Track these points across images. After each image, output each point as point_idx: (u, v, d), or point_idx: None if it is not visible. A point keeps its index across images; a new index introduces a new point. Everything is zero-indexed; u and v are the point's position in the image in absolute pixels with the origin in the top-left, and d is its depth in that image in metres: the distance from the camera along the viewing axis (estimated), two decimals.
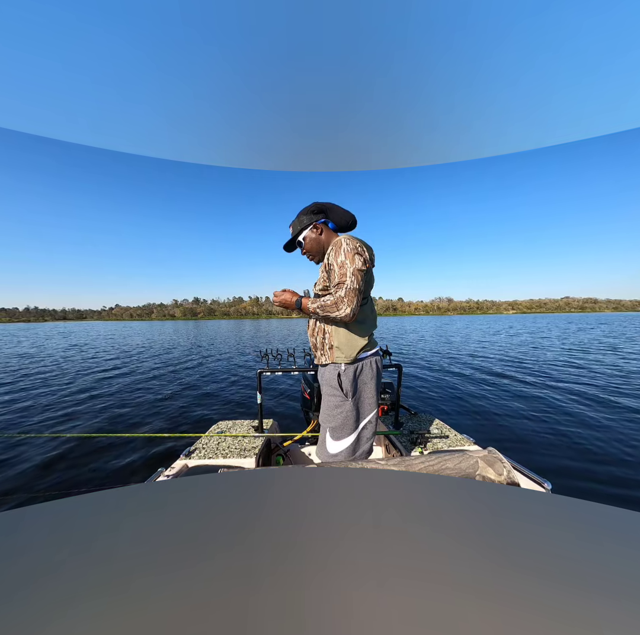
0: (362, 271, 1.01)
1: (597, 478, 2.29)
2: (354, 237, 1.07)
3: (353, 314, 1.00)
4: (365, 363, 1.11)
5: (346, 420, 1.08)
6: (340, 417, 1.08)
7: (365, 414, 1.12)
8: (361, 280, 1.00)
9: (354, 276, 0.99)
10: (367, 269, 1.04)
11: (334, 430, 1.10)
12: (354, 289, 0.99)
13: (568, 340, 13.52)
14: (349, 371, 1.09)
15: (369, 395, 1.12)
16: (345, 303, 0.99)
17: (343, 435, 1.09)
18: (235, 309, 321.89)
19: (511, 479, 0.53)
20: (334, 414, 1.09)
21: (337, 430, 1.09)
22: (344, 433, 1.09)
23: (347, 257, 1.00)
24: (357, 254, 1.01)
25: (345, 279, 0.99)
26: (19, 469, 2.52)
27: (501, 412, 3.90)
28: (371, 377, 1.12)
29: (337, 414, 1.09)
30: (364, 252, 1.04)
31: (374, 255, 1.17)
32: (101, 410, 4.29)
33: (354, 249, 1.01)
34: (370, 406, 1.12)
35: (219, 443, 1.55)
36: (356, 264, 1.00)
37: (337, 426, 1.09)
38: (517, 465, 1.14)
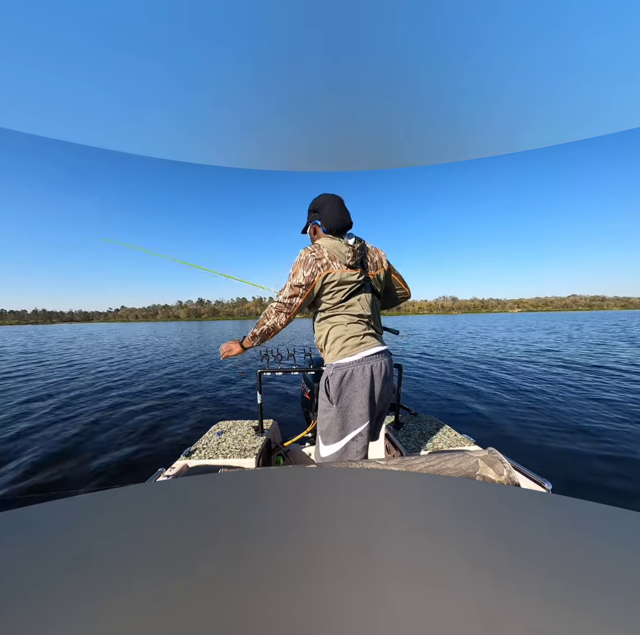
0: (299, 286, 1.05)
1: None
2: (318, 244, 1.08)
3: (280, 324, 1.10)
4: (356, 368, 1.02)
5: (330, 427, 1.05)
6: (326, 422, 1.06)
7: (355, 425, 1.03)
8: (296, 294, 1.06)
9: (289, 291, 1.06)
10: (311, 282, 1.04)
11: (322, 434, 1.09)
12: (285, 303, 1.07)
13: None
14: (335, 376, 1.03)
15: (360, 405, 1.02)
16: (273, 313, 1.09)
17: (329, 441, 1.07)
18: (239, 309, 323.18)
19: (511, 479, 0.53)
20: (322, 418, 1.08)
21: (324, 435, 1.08)
22: (329, 439, 1.07)
23: (293, 269, 1.07)
24: (304, 267, 1.04)
25: (282, 292, 1.08)
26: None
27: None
28: (362, 385, 1.01)
29: (324, 419, 1.07)
30: (315, 262, 1.03)
31: (349, 252, 1.07)
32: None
33: (302, 261, 1.05)
34: (361, 417, 1.02)
35: (219, 443, 1.55)
36: (297, 279, 1.05)
37: (323, 431, 1.08)
38: (517, 466, 1.13)
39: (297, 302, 1.07)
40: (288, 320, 1.11)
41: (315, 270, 1.04)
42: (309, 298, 1.09)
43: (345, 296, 1.09)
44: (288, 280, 1.08)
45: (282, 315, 1.08)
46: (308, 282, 1.04)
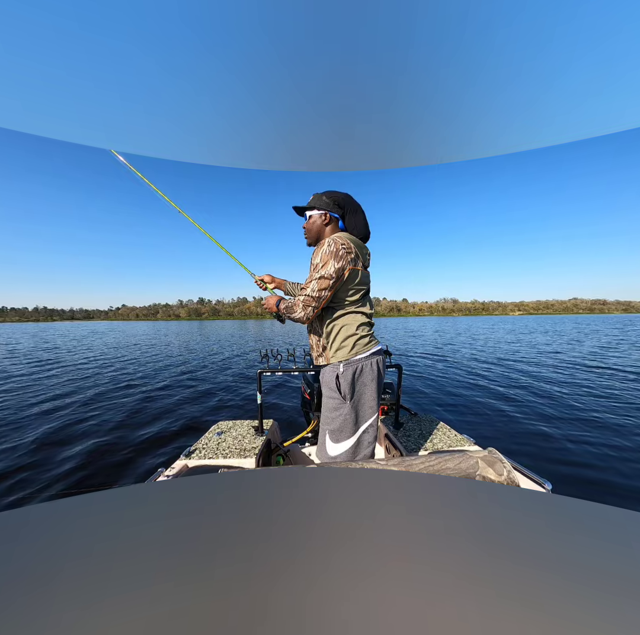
0: (330, 279, 1.02)
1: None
2: (343, 237, 1.07)
3: (307, 318, 1.07)
4: (365, 364, 1.08)
5: (344, 424, 1.06)
6: (339, 420, 1.07)
7: (366, 417, 1.09)
8: (326, 287, 1.03)
9: (318, 283, 1.02)
10: (340, 275, 1.04)
11: (332, 433, 1.08)
12: (313, 296, 1.04)
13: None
14: (348, 373, 1.06)
15: (370, 397, 1.08)
16: (300, 307, 1.06)
17: (342, 438, 1.07)
18: (240, 309, 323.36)
19: (511, 479, 0.53)
20: (332, 417, 1.08)
21: (336, 433, 1.08)
22: (343, 436, 1.07)
23: (322, 259, 1.02)
24: (335, 258, 1.01)
25: (309, 284, 1.04)
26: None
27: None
28: (372, 379, 1.08)
29: (336, 417, 1.07)
30: (346, 255, 1.03)
31: (368, 255, 1.18)
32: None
33: (333, 252, 1.01)
34: (371, 409, 1.09)
35: (219, 443, 1.55)
36: (327, 270, 1.01)
37: (335, 429, 1.08)
38: (517, 466, 1.13)
39: (326, 295, 1.04)
40: (315, 314, 1.08)
41: (345, 263, 1.03)
42: (335, 291, 1.07)
43: (361, 295, 1.12)
44: (314, 271, 1.04)
45: (310, 309, 1.05)
46: (338, 275, 1.03)
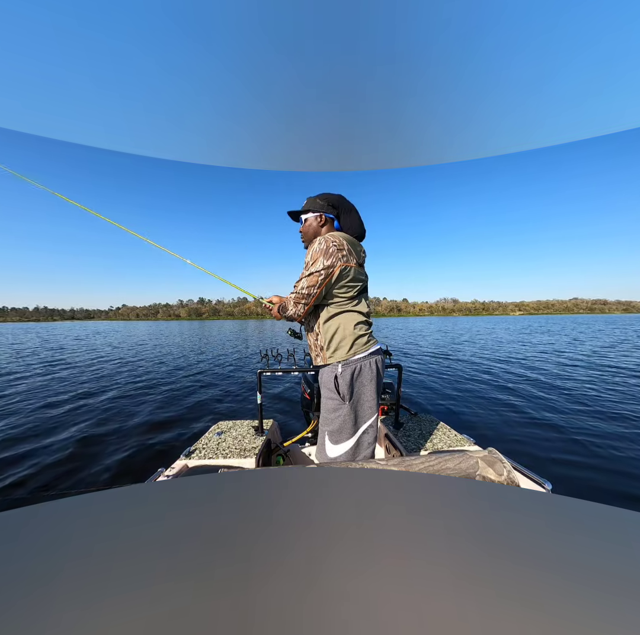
0: (319, 275, 1.02)
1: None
2: (335, 235, 1.07)
3: (298, 315, 1.09)
4: (364, 364, 1.07)
5: (344, 424, 1.06)
6: (338, 421, 1.06)
7: (365, 417, 1.07)
8: (314, 284, 1.04)
9: (307, 280, 1.04)
10: (330, 272, 1.03)
11: (331, 434, 1.07)
12: (303, 293, 1.05)
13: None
14: (346, 373, 1.05)
15: (369, 397, 1.07)
16: (291, 304, 1.08)
17: (341, 439, 1.06)
18: (240, 309, 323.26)
19: (511, 479, 0.53)
20: (331, 418, 1.07)
21: (335, 434, 1.07)
22: (342, 437, 1.06)
23: (312, 257, 1.04)
24: (325, 255, 1.02)
25: (300, 282, 1.06)
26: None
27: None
28: (371, 379, 1.07)
29: (335, 418, 1.06)
30: (337, 252, 1.03)
31: (363, 253, 1.17)
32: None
33: (323, 249, 1.02)
34: (370, 409, 1.08)
35: (219, 443, 1.55)
36: (316, 267, 1.02)
37: (334, 430, 1.07)
38: (517, 466, 1.13)
39: (315, 292, 1.05)
40: (306, 311, 1.10)
41: (335, 260, 1.03)
42: (326, 288, 1.07)
43: (356, 292, 1.11)
44: (305, 269, 1.06)
45: (301, 306, 1.07)
46: (328, 272, 1.04)
